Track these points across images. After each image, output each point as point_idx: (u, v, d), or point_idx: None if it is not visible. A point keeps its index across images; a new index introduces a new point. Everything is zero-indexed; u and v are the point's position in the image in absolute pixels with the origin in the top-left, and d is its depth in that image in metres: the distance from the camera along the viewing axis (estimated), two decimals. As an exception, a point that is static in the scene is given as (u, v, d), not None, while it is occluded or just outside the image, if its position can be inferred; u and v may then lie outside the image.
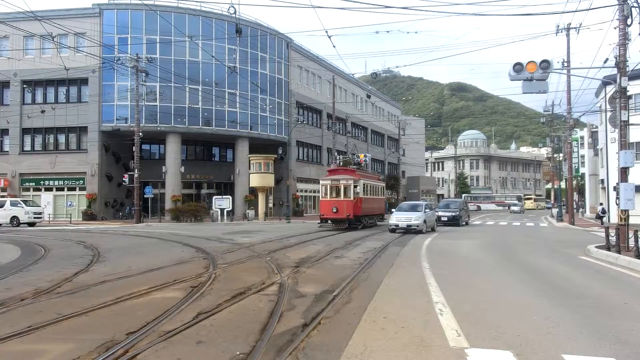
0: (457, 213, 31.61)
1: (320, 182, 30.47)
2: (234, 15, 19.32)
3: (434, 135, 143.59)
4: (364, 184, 29.96)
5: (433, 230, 26.12)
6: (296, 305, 7.56)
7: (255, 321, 6.53)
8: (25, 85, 40.05)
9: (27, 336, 5.90)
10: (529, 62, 14.89)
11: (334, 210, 27.43)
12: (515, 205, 69.40)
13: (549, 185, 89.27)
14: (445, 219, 31.10)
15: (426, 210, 25.93)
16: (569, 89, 32.49)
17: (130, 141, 36.55)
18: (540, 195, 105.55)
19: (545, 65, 14.82)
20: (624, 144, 15.38)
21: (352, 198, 27.58)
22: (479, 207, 77.21)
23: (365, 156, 51.51)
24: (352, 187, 27.89)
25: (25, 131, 40.96)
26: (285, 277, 10.14)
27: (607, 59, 20.00)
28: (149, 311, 7.10)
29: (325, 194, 28.96)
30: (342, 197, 27.66)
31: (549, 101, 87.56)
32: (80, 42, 38.09)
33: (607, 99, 27.64)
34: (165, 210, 39.84)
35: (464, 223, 32.69)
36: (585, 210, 52.66)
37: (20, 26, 31.16)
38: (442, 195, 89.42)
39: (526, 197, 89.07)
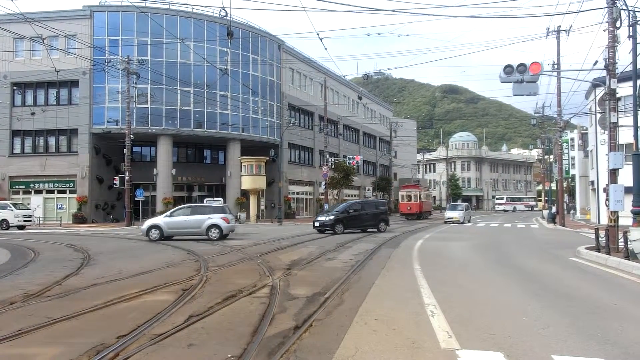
0: (333, 218, 26.10)
1: (399, 192, 51.71)
2: (225, 17, 19.29)
3: (425, 137, 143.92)
4: (422, 194, 49.79)
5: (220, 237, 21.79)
6: (288, 307, 7.56)
7: (247, 324, 6.52)
8: (15, 87, 39.81)
9: (17, 340, 5.86)
10: (519, 64, 14.99)
11: (408, 209, 47.85)
12: (457, 209, 41.41)
13: (540, 187, 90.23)
14: (318, 224, 26.17)
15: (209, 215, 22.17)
16: (559, 91, 32.70)
17: (121, 143, 36.40)
18: (533, 197, 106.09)
19: (536, 67, 14.92)
20: (614, 146, 15.50)
21: (418, 202, 47.47)
22: (515, 208, 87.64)
23: (355, 158, 51.90)
24: (418, 195, 48.01)
25: (15, 133, 40.65)
26: (276, 279, 10.14)
27: (596, 61, 20.15)
28: (139, 314, 7.08)
29: (402, 199, 48.81)
30: (412, 201, 47.66)
31: (539, 103, 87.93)
32: (71, 44, 37.89)
33: (597, 101, 27.87)
34: (156, 213, 39.63)
35: (349, 230, 26.53)
36: (575, 212, 52.96)
37: (10, 28, 31.03)
38: (434, 197, 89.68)
39: (537, 199, 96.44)
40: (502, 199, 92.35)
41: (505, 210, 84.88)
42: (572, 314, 7.07)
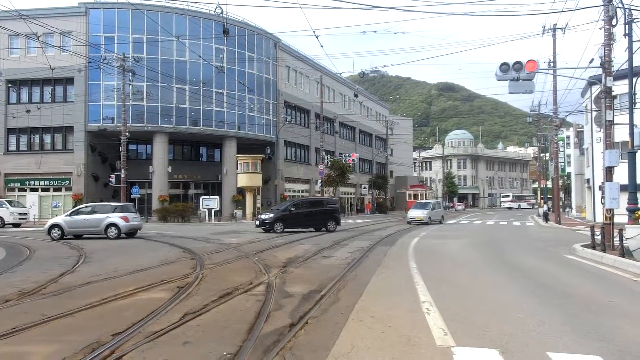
0: (272, 216, 25.55)
1: (406, 191, 61.30)
2: (221, 15, 19.25)
3: (421, 135, 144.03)
4: (427, 192, 59.07)
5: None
6: (283, 305, 7.55)
7: (243, 321, 6.51)
8: (10, 85, 39.62)
9: (12, 337, 5.84)
10: (515, 62, 14.99)
11: None
12: (425, 207, 36.13)
13: (536, 185, 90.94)
14: (258, 222, 25.84)
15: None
16: (555, 89, 32.79)
17: (116, 141, 36.27)
18: (528, 194, 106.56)
19: (532, 65, 14.92)
20: (609, 144, 15.53)
21: (424, 200, 49.67)
22: (519, 205, 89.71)
23: (351, 155, 51.99)
24: (423, 194, 56.71)
25: (10, 131, 40.49)
26: (272, 277, 10.12)
27: (592, 59, 20.20)
28: (135, 312, 7.06)
29: (410, 197, 55.94)
30: (419, 199, 50.56)
31: (535, 101, 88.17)
32: (66, 41, 37.71)
33: (593, 99, 27.88)
34: (152, 211, 39.62)
35: (290, 229, 25.28)
36: (571, 210, 53.11)
37: (5, 25, 30.89)
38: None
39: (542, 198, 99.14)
40: (508, 196, 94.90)
41: (510, 208, 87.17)
42: (567, 312, 7.09)
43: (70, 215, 22.29)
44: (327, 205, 27.74)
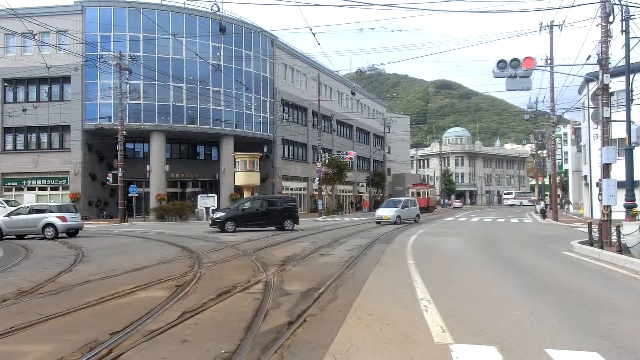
0: (224, 215, 25.09)
1: (409, 189, 62.07)
2: (217, 13, 19.22)
3: (419, 132, 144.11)
4: (429, 191, 61.41)
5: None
6: (281, 303, 7.55)
7: (241, 320, 6.51)
8: (6, 84, 39.48)
9: (10, 337, 5.83)
10: (512, 59, 14.97)
11: None
12: (397, 205, 32.54)
13: (533, 182, 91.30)
14: (210, 222, 25.56)
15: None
16: (552, 86, 32.78)
17: (114, 140, 36.24)
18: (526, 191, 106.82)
19: (529, 62, 14.92)
20: (606, 140, 15.55)
21: (426, 198, 55.48)
22: (521, 202, 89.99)
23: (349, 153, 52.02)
24: (425, 192, 59.17)
25: (6, 130, 40.41)
26: (270, 275, 10.11)
27: (589, 56, 20.22)
28: (133, 311, 7.05)
29: (412, 195, 53.87)
30: (421, 197, 53.69)
31: (532, 98, 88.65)
32: (63, 40, 37.57)
33: (590, 96, 27.92)
34: (149, 209, 39.58)
35: (241, 229, 24.77)
36: (569, 206, 53.21)
37: (1, 24, 30.79)
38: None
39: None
40: (510, 193, 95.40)
41: (512, 205, 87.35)
42: (565, 308, 7.10)
43: (9, 215, 22.26)
44: (284, 204, 26.80)
